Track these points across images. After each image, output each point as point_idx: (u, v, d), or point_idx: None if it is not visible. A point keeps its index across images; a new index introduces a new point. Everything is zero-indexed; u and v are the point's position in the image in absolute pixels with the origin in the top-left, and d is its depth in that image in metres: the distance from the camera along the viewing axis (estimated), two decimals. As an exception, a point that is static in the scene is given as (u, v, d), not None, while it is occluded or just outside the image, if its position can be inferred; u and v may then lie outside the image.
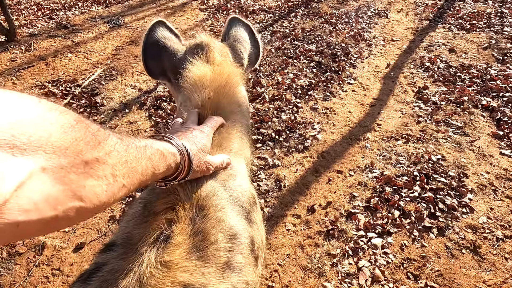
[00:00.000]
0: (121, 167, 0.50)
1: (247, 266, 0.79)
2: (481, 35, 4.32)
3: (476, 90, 3.34)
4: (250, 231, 0.84)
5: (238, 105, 0.99)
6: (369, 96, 3.37)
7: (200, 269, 0.68)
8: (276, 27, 4.79)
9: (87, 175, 0.43)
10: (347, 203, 2.32)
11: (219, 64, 0.98)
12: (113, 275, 0.63)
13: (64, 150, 0.39)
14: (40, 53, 4.11)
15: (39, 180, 0.35)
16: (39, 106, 0.39)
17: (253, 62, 1.14)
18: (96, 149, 0.45)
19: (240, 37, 1.10)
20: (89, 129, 0.45)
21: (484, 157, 2.62)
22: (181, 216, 0.73)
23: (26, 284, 1.91)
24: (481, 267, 1.94)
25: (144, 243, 0.68)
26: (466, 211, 2.23)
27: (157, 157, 0.60)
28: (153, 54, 1.02)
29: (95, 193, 0.44)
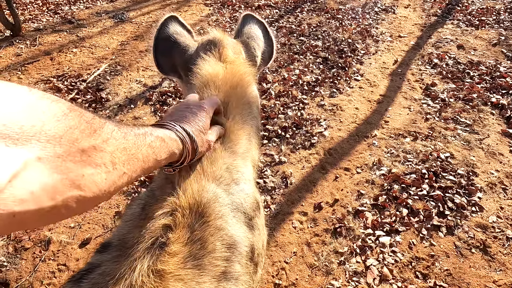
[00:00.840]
0: (120, 154, 0.48)
1: (245, 274, 0.76)
2: (490, 32, 4.26)
3: (485, 87, 3.29)
4: (251, 238, 0.81)
5: (249, 106, 0.96)
6: (376, 93, 3.33)
7: (195, 278, 0.65)
8: (282, 23, 4.74)
9: (85, 163, 0.42)
10: (354, 201, 2.30)
11: (231, 62, 0.95)
12: (104, 278, 0.61)
13: (59, 139, 0.38)
14: (45, 48, 4.09)
15: (35, 170, 0.35)
16: (30, 95, 0.38)
17: (266, 60, 1.11)
18: (92, 136, 0.44)
19: (254, 34, 1.07)
20: (83, 117, 0.43)
21: (494, 155, 2.58)
22: (179, 223, 0.69)
23: (32, 279, 1.90)
24: (491, 267, 1.91)
25: (138, 248, 0.65)
26: (476, 210, 2.20)
27: (157, 144, 0.59)
28: (164, 49, 0.99)
29: (94, 181, 0.43)
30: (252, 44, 1.05)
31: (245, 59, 1.01)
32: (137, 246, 0.65)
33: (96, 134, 0.44)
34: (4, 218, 0.32)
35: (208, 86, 0.89)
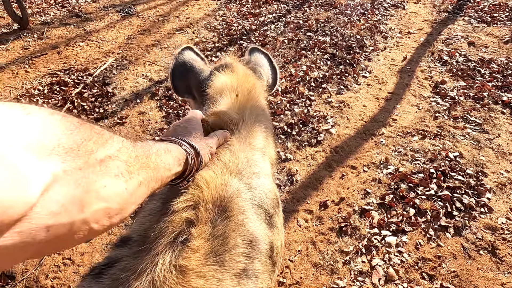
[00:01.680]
0: (134, 162, 0.49)
1: (264, 273, 0.76)
2: (502, 29, 4.17)
3: (497, 85, 3.23)
4: (271, 237, 0.81)
5: (262, 109, 1.01)
6: (384, 90, 3.28)
7: (216, 275, 0.65)
8: (289, 18, 4.69)
9: (104, 174, 0.42)
10: (360, 200, 2.27)
11: (243, 74, 1.04)
12: (125, 273, 0.61)
13: (76, 151, 0.38)
14: (52, 42, 4.10)
15: (63, 183, 0.35)
16: (41, 112, 0.38)
17: (271, 87, 1.21)
18: (105, 146, 0.44)
19: (260, 63, 1.19)
20: (93, 129, 0.44)
21: (504, 155, 2.53)
22: (202, 217, 0.69)
23: (38, 272, 1.91)
24: (499, 269, 1.88)
25: (160, 243, 0.65)
26: (485, 211, 2.16)
27: (162, 152, 0.60)
28: (180, 74, 1.10)
29: (116, 192, 0.43)
30: (259, 69, 1.15)
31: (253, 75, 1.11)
32: (159, 240, 0.65)
33: (108, 144, 0.45)
34: (39, 232, 0.32)
35: (224, 90, 0.95)
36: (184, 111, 3.02)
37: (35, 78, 3.43)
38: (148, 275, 0.60)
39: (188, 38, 4.24)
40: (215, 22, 4.63)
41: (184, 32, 4.40)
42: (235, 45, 4.04)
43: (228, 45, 4.05)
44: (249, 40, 4.12)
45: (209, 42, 4.14)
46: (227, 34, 4.30)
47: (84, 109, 3.07)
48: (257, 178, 0.84)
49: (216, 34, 4.33)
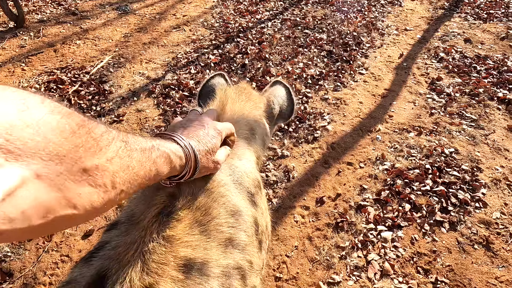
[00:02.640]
0: (123, 173, 0.47)
1: (251, 246, 0.79)
2: (498, 25, 4.18)
3: (492, 82, 3.25)
4: (254, 212, 0.85)
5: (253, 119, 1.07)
6: (381, 87, 3.30)
7: (202, 244, 0.68)
8: (286, 15, 4.69)
9: (85, 182, 0.41)
10: (357, 196, 2.29)
11: (244, 88, 1.13)
12: (116, 250, 0.63)
13: (62, 157, 0.37)
14: (49, 40, 4.09)
15: (32, 187, 0.34)
16: (41, 108, 0.37)
17: (286, 117, 1.28)
18: (97, 155, 0.42)
19: (276, 93, 1.26)
20: (91, 134, 0.42)
21: (499, 151, 2.55)
22: (184, 190, 0.73)
23: (36, 269, 1.92)
24: (494, 263, 1.90)
25: (146, 218, 0.68)
26: (479, 206, 2.18)
27: (162, 160, 0.59)
28: (205, 93, 1.19)
29: (90, 200, 0.42)
30: (272, 98, 1.21)
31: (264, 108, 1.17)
32: (145, 216, 0.68)
33: (102, 152, 0.44)
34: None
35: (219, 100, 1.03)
36: (181, 108, 3.03)
37: (31, 77, 3.43)
38: (138, 248, 0.63)
39: (185, 36, 4.24)
40: (212, 20, 4.62)
41: (181, 29, 4.40)
42: (232, 42, 4.04)
43: (225, 42, 4.05)
44: (246, 38, 4.12)
45: (206, 39, 4.14)
46: (224, 31, 4.30)
47: (81, 107, 3.07)
48: (239, 159, 0.89)
49: (213, 31, 4.32)
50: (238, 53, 3.81)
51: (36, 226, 0.35)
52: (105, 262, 0.62)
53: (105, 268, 0.61)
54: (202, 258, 0.66)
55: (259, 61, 3.66)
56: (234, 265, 0.71)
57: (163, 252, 0.63)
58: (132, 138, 0.53)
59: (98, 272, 0.61)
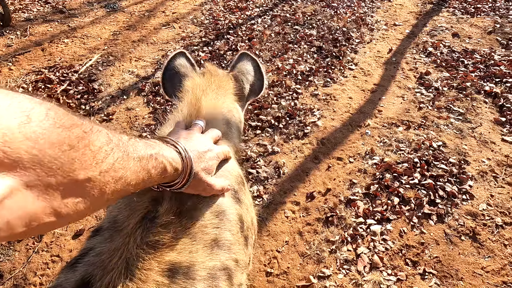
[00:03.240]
0: (114, 184, 0.47)
1: (236, 244, 0.80)
2: (485, 19, 4.23)
3: (479, 75, 3.29)
4: (238, 209, 0.85)
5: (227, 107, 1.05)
6: (370, 82, 3.32)
7: (188, 247, 0.69)
8: (276, 11, 4.69)
9: (73, 193, 0.41)
10: (346, 190, 2.31)
11: (214, 77, 1.09)
12: (100, 258, 0.63)
13: (56, 170, 0.37)
14: (36, 38, 4.04)
15: (20, 197, 0.34)
16: (43, 122, 0.37)
17: (256, 92, 1.24)
18: (91, 168, 0.42)
19: (245, 69, 1.21)
20: (90, 147, 0.42)
21: (486, 143, 2.59)
22: (167, 195, 0.73)
23: (26, 270, 1.91)
24: (480, 253, 1.94)
25: (130, 224, 0.68)
26: (466, 198, 2.22)
27: (157, 171, 0.58)
28: (169, 77, 1.15)
29: (76, 209, 0.42)
30: (241, 77, 1.17)
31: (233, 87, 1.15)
32: (128, 222, 0.68)
33: (97, 165, 0.43)
34: None
35: (189, 91, 1.00)
36: (171, 106, 3.02)
37: (19, 76, 3.39)
38: (122, 255, 0.63)
39: (175, 33, 4.22)
40: (201, 17, 4.60)
41: (171, 27, 4.37)
42: (222, 39, 4.03)
43: (215, 39, 4.04)
44: (236, 34, 4.11)
45: (195, 36, 4.12)
46: (214, 28, 4.28)
47: (70, 107, 3.04)
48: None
49: (202, 28, 4.31)
50: (228, 50, 3.81)
51: (18, 233, 0.36)
52: (89, 268, 0.62)
53: (89, 275, 0.61)
54: (188, 262, 0.67)
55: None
56: (220, 266, 0.72)
57: (147, 258, 0.64)
58: (132, 146, 0.53)
59: (82, 278, 0.61)
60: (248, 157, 2.55)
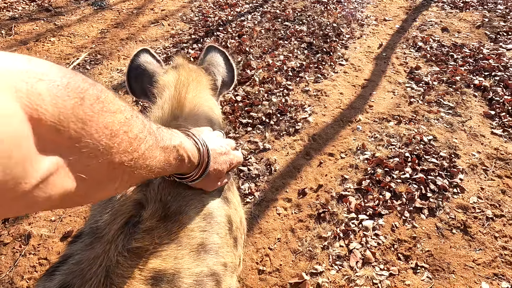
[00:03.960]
0: (141, 170, 0.48)
1: (225, 247, 0.76)
2: (474, 14, 4.25)
3: (469, 69, 3.31)
4: (227, 210, 0.82)
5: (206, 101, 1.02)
6: (360, 77, 3.31)
7: (173, 253, 0.65)
8: (266, 8, 4.66)
9: (106, 176, 0.42)
10: (338, 186, 2.30)
11: (187, 71, 1.05)
12: (79, 266, 0.60)
13: (96, 153, 0.39)
14: (21, 37, 3.95)
15: (62, 175, 0.36)
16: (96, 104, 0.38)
17: (228, 84, 1.21)
18: (125, 154, 0.43)
19: (215, 62, 1.18)
20: (129, 134, 0.44)
21: (476, 137, 2.60)
22: (151, 198, 0.69)
23: (13, 274, 1.87)
24: (471, 246, 1.94)
25: (111, 230, 0.64)
26: (457, 191, 2.23)
27: (177, 162, 0.59)
28: (135, 76, 1.10)
29: (105, 191, 0.45)
30: (212, 69, 1.14)
31: (204, 73, 1.11)
32: (110, 228, 0.65)
33: (132, 152, 0.44)
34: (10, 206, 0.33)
35: (164, 88, 0.97)
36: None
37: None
38: (102, 262, 0.60)
39: (164, 31, 4.16)
40: (191, 14, 4.55)
41: (160, 24, 4.31)
42: (211, 36, 3.99)
43: (204, 36, 3.99)
44: (226, 31, 4.08)
45: (185, 34, 4.07)
46: (203, 25, 4.24)
47: (57, 106, 2.98)
48: None
49: (192, 25, 4.26)
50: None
51: (53, 206, 0.38)
52: (68, 277, 0.60)
53: (67, 284, 0.59)
54: (173, 268, 0.64)
55: (239, 55, 3.63)
56: (207, 272, 0.69)
57: (129, 265, 0.61)
58: (160, 135, 0.54)
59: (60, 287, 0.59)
60: (239, 154, 2.52)
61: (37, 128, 0.31)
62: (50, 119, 0.32)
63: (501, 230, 2.00)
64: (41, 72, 0.33)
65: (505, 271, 1.82)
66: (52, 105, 0.32)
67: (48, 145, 0.33)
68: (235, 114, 2.87)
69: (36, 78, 0.32)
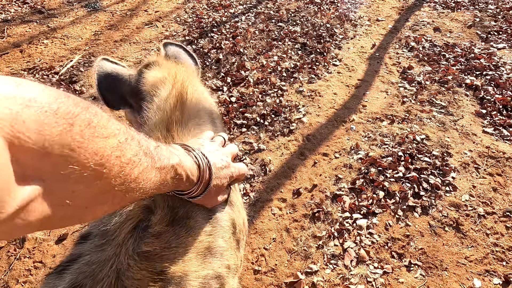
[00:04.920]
0: (133, 193, 0.47)
1: (229, 249, 0.78)
2: (465, 14, 4.30)
3: (460, 69, 3.35)
4: (231, 213, 0.83)
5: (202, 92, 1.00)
6: (354, 78, 3.34)
7: (181, 256, 0.67)
8: (260, 9, 4.67)
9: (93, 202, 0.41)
10: (332, 185, 2.32)
11: (171, 65, 1.02)
12: (90, 267, 0.62)
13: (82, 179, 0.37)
14: (14, 40, 3.93)
15: (42, 202, 0.35)
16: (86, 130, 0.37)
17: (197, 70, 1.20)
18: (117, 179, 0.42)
19: (179, 54, 1.17)
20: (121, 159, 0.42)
21: (467, 135, 2.64)
22: (160, 203, 0.71)
23: (8, 277, 1.87)
24: (463, 243, 1.97)
25: (121, 233, 0.66)
26: (449, 190, 2.26)
27: (175, 182, 0.57)
28: (108, 86, 1.00)
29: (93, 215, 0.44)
30: (180, 60, 1.13)
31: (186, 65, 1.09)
32: (120, 231, 0.66)
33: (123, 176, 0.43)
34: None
35: (158, 85, 0.93)
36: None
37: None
38: (112, 265, 0.62)
39: (158, 32, 4.16)
40: (185, 15, 4.55)
41: (154, 26, 4.31)
42: (205, 37, 4.00)
43: (198, 38, 4.00)
44: (220, 32, 4.09)
45: (179, 35, 4.08)
46: (197, 26, 4.25)
47: (50, 109, 2.97)
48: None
49: (186, 27, 4.26)
50: (212, 48, 3.78)
51: (33, 230, 0.37)
52: (78, 277, 0.61)
53: (78, 284, 0.60)
54: (181, 271, 0.65)
55: (233, 56, 3.64)
56: (213, 275, 0.71)
57: (139, 268, 0.62)
58: (157, 155, 0.51)
59: (71, 287, 0.60)
60: (234, 155, 2.53)
61: (18, 156, 0.31)
62: (34, 146, 0.31)
63: (493, 227, 2.03)
64: (29, 98, 0.32)
65: (497, 268, 1.85)
66: (37, 132, 0.31)
67: (30, 171, 0.32)
68: (229, 115, 2.88)
69: (22, 105, 0.31)
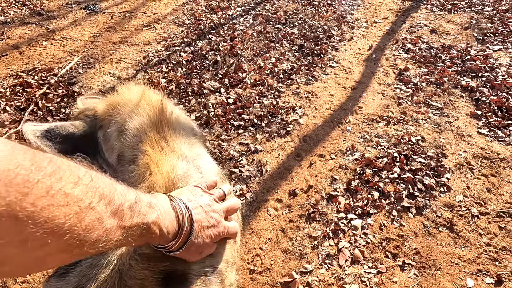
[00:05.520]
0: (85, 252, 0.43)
1: (227, 243, 0.81)
2: (462, 15, 4.33)
3: (456, 70, 3.37)
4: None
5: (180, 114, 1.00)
6: (351, 79, 3.37)
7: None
8: (258, 11, 4.70)
9: (39, 267, 0.39)
10: (328, 186, 2.34)
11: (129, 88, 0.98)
12: (93, 269, 0.63)
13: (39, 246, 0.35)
14: (13, 42, 3.96)
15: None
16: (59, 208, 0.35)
17: None
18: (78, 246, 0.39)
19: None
20: (80, 225, 0.39)
21: (462, 136, 2.66)
22: None
23: (6, 277, 1.88)
24: (457, 243, 1.99)
25: None
26: (444, 190, 2.28)
27: (143, 238, 0.53)
28: (51, 137, 0.83)
29: (39, 271, 0.42)
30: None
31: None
32: None
33: (84, 244, 0.40)
34: None
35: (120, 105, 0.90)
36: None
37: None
38: (115, 267, 0.63)
39: (156, 34, 4.19)
40: (183, 17, 4.58)
41: (152, 28, 4.34)
42: (204, 39, 4.02)
43: (197, 39, 4.02)
44: (218, 34, 4.11)
45: (177, 37, 4.10)
46: (195, 28, 4.27)
47: (49, 110, 2.99)
48: (201, 159, 0.88)
49: (184, 29, 4.29)
50: (210, 50, 3.80)
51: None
52: (82, 279, 0.62)
53: (82, 286, 0.61)
54: (182, 270, 0.67)
55: (231, 58, 3.66)
56: (213, 271, 0.73)
57: (140, 268, 0.64)
58: (135, 209, 0.48)
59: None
60: (231, 156, 2.56)
61: None
62: None
63: (486, 228, 2.05)
64: None
65: (489, 267, 1.87)
66: None
67: None
68: (227, 116, 2.90)
69: None
